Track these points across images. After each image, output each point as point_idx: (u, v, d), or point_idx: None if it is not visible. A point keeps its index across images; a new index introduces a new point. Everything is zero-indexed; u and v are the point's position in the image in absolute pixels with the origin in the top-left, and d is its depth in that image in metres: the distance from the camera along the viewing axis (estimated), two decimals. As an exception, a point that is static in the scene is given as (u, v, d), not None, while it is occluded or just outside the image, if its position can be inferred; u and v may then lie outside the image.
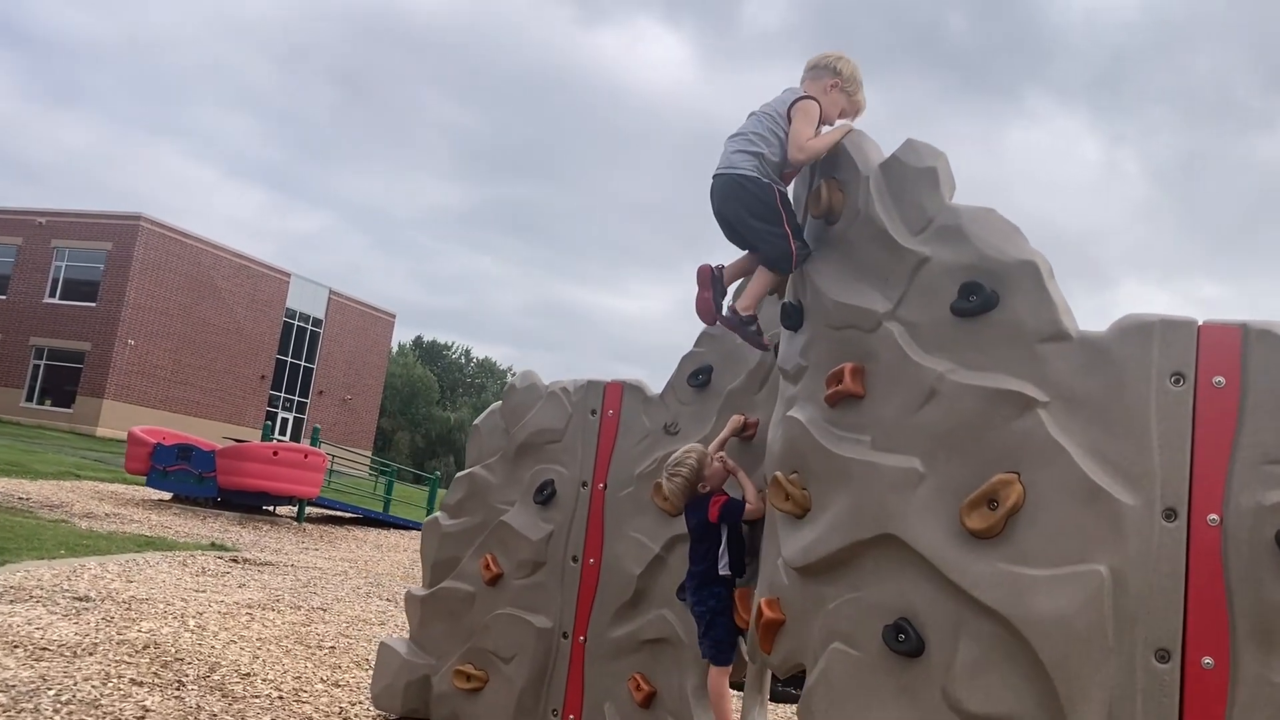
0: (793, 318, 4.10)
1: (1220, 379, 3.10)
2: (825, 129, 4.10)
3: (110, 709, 5.45)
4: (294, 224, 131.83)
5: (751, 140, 4.01)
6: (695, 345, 5.46)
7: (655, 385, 5.72)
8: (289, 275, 52.54)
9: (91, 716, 5.29)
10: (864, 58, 4.18)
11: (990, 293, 3.37)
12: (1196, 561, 3.04)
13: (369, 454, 39.44)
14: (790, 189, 4.27)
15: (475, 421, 6.36)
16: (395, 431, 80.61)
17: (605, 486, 5.61)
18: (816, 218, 4.05)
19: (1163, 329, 3.17)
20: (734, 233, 4.14)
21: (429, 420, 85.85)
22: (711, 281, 4.21)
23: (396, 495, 26.94)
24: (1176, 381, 3.14)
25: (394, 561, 16.26)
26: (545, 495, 5.77)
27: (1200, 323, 3.17)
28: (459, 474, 6.30)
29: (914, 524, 3.38)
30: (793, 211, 4.04)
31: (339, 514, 23.39)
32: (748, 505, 4.65)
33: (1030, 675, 3.13)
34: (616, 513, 5.53)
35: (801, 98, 4.06)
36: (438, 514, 6.28)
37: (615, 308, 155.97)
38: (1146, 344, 3.18)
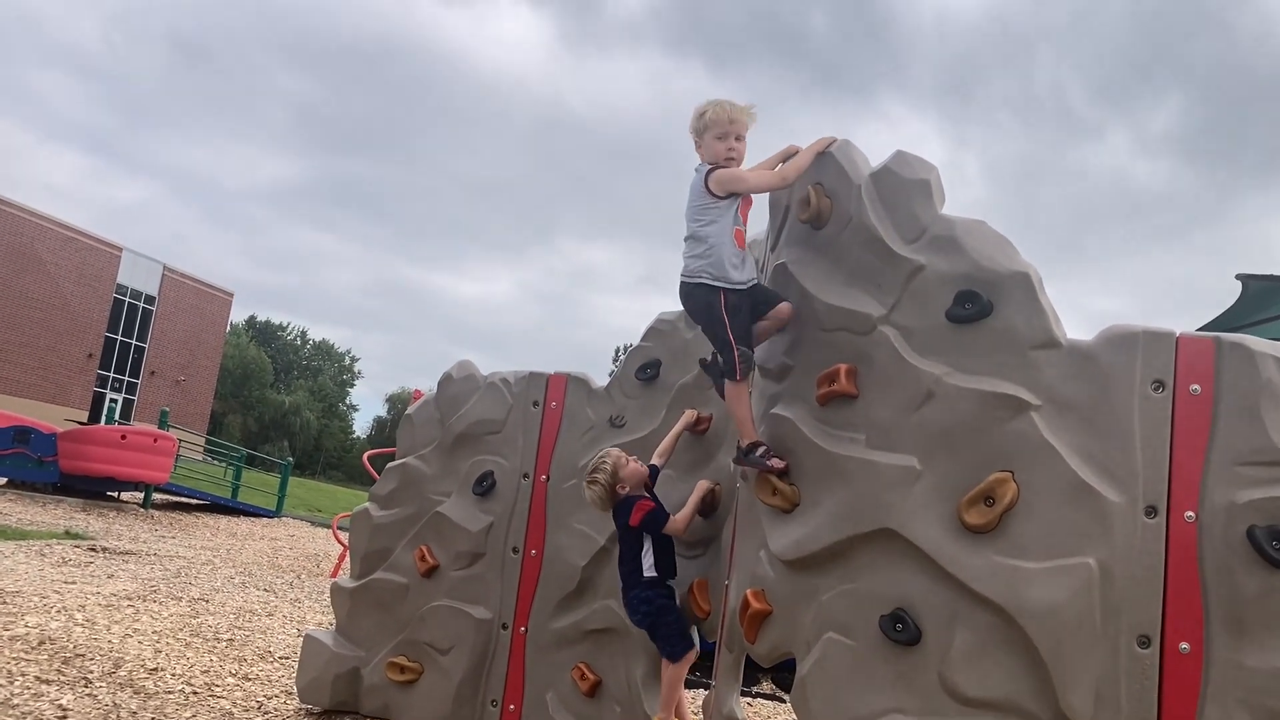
0: (775, 319, 4.22)
1: (1196, 387, 3.37)
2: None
3: (27, 709, 5.18)
4: (117, 193, 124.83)
5: (698, 240, 4.22)
6: (643, 339, 5.54)
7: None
8: (120, 249, 50.06)
9: (10, 716, 5.04)
10: (724, 49, 4.39)
11: (986, 301, 3.57)
12: (1175, 555, 3.30)
13: (204, 437, 37.96)
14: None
15: (408, 411, 6.28)
16: (226, 414, 77.79)
17: (548, 478, 5.64)
18: (803, 222, 4.19)
19: (1145, 340, 3.43)
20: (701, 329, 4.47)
21: (262, 403, 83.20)
22: (709, 369, 4.38)
23: (243, 481, 26.07)
24: (1157, 388, 3.39)
25: (256, 550, 15.77)
26: (485, 486, 5.75)
27: (1178, 334, 3.44)
28: (390, 464, 6.21)
29: (912, 519, 3.55)
30: (739, 316, 4.13)
31: (186, 500, 22.52)
32: (673, 520, 4.77)
33: (1024, 661, 3.34)
34: (559, 504, 5.57)
35: (707, 173, 4.24)
36: (367, 504, 6.17)
37: (457, 290, 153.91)
38: (1131, 353, 3.42)
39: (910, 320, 3.73)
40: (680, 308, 5.40)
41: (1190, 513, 3.31)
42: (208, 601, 9.55)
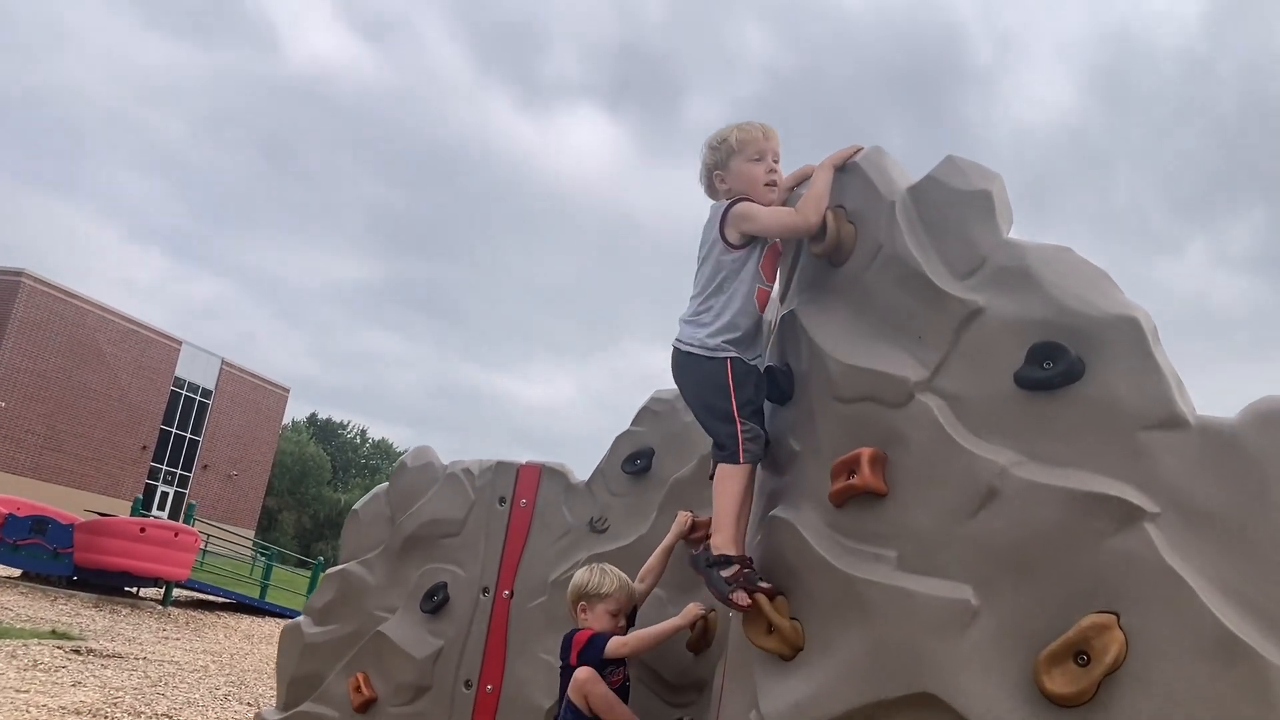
0: (780, 387, 3.13)
1: (1404, 491, 2.21)
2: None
3: None
4: (194, 290, 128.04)
5: (695, 299, 3.31)
6: (634, 423, 4.51)
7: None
8: (180, 343, 50.80)
9: None
10: (798, 159, 3.43)
11: (1074, 359, 2.46)
12: (1380, 754, 2.11)
13: (252, 533, 37.35)
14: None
15: (355, 506, 5.25)
16: (281, 511, 77.69)
17: (511, 594, 4.57)
18: (819, 257, 3.12)
19: (1318, 418, 2.28)
20: (691, 410, 3.41)
21: (318, 501, 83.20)
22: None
23: (276, 580, 25.14)
24: (1340, 492, 2.23)
25: (264, 655, 14.68)
26: (435, 603, 4.70)
27: (1370, 412, 2.29)
28: (328, 570, 5.16)
29: (963, 680, 2.40)
30: (746, 388, 3.12)
31: (211, 598, 21.60)
32: (612, 642, 3.67)
33: None
34: (524, 628, 4.49)
35: (725, 210, 3.27)
36: (300, 619, 5.11)
37: (520, 393, 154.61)
38: (1296, 438, 2.27)
39: (964, 386, 2.63)
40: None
41: (1402, 688, 2.12)
42: (170, 718, 8.47)
